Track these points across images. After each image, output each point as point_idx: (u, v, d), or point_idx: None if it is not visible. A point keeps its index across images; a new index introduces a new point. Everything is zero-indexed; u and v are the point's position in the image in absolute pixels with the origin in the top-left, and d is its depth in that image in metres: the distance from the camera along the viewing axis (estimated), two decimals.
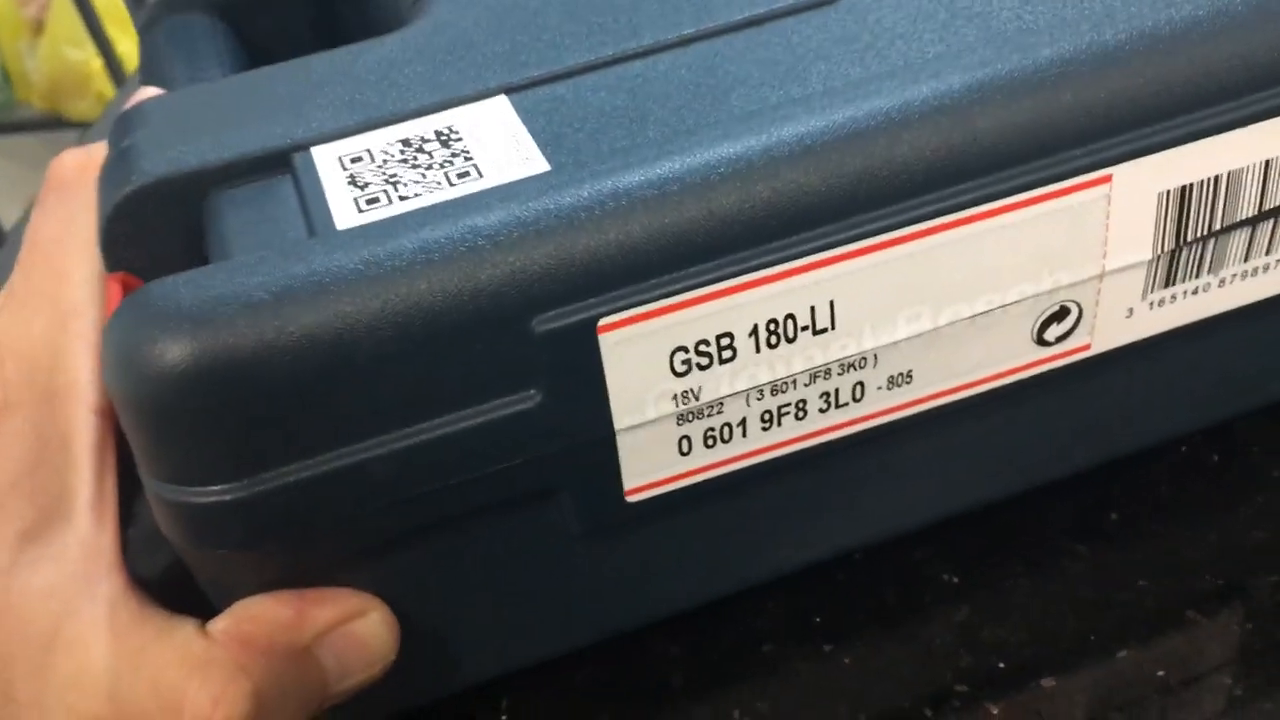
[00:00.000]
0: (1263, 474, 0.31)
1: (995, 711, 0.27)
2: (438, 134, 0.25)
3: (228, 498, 0.21)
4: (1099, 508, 0.30)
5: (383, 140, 0.25)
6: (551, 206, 0.22)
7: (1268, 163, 0.25)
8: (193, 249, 0.25)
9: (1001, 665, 0.27)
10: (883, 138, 0.23)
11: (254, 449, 0.21)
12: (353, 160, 0.24)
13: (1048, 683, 0.27)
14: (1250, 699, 0.26)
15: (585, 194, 0.22)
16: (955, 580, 0.29)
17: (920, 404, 0.26)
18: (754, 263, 0.23)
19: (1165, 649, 0.27)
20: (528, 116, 0.25)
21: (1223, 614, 0.28)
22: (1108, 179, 0.24)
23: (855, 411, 0.25)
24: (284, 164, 0.25)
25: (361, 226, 0.22)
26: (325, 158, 0.25)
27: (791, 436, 0.25)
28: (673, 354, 0.23)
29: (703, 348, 0.23)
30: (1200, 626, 0.28)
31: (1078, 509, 0.30)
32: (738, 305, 0.23)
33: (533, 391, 0.22)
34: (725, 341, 0.23)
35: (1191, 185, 0.25)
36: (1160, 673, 0.27)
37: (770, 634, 0.29)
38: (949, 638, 0.28)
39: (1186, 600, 0.28)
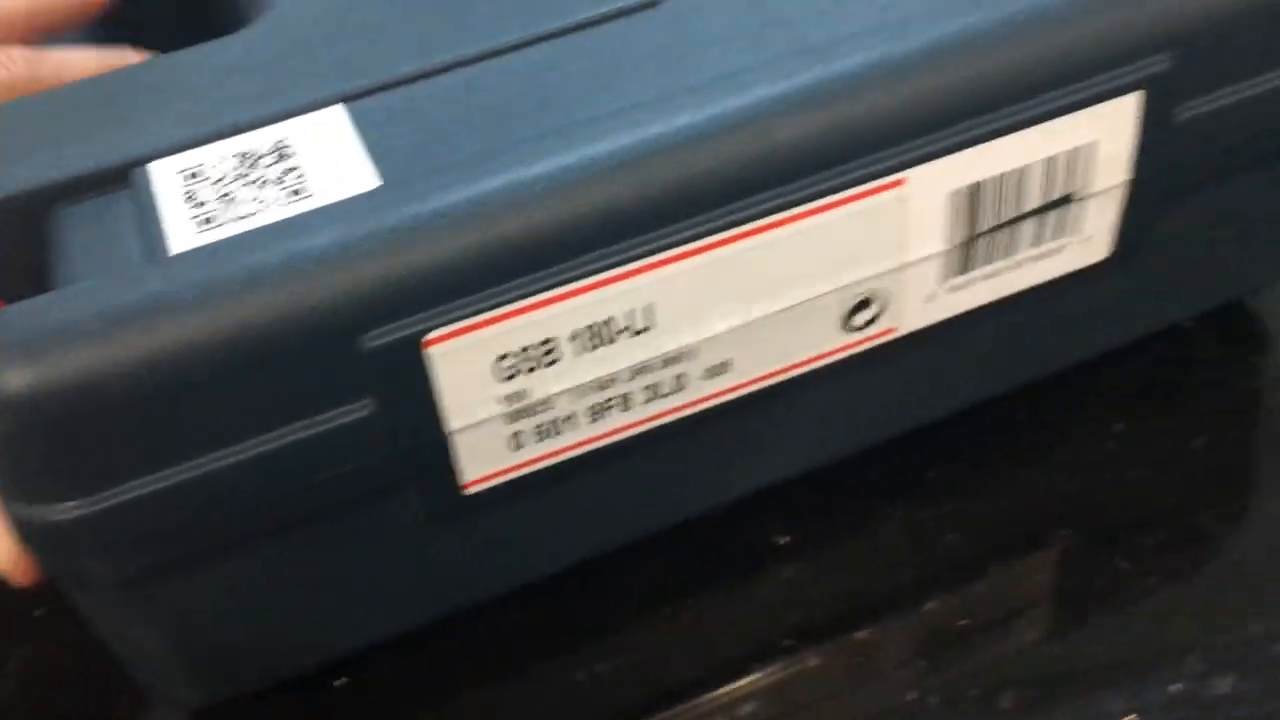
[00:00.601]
0: (1065, 431, 0.34)
1: (815, 663, 0.29)
2: (273, 147, 0.26)
3: (77, 513, 0.23)
4: (915, 467, 0.33)
5: (219, 154, 0.26)
6: (378, 227, 0.24)
7: (1050, 159, 0.28)
8: (42, 262, 0.26)
9: (822, 619, 0.30)
10: (690, 151, 0.25)
11: (98, 467, 0.23)
12: (190, 176, 0.25)
13: (862, 635, 0.30)
14: (1043, 643, 0.29)
15: (410, 214, 0.24)
16: (785, 541, 0.32)
17: (739, 389, 0.28)
18: (573, 272, 0.25)
19: (968, 598, 0.30)
20: (362, 128, 0.26)
21: (1021, 564, 0.31)
22: (903, 182, 0.26)
23: (678, 400, 0.27)
24: (124, 179, 0.26)
25: (195, 250, 0.23)
26: (162, 174, 0.26)
27: (618, 425, 0.27)
28: (499, 360, 0.25)
29: (528, 353, 0.25)
30: (1000, 576, 0.31)
31: (895, 469, 0.33)
32: (559, 313, 0.25)
33: (366, 401, 0.24)
34: (549, 346, 0.25)
35: (981, 183, 0.27)
36: (963, 621, 0.30)
37: (614, 598, 0.31)
38: (778, 595, 0.31)
39: (989, 553, 0.31)
